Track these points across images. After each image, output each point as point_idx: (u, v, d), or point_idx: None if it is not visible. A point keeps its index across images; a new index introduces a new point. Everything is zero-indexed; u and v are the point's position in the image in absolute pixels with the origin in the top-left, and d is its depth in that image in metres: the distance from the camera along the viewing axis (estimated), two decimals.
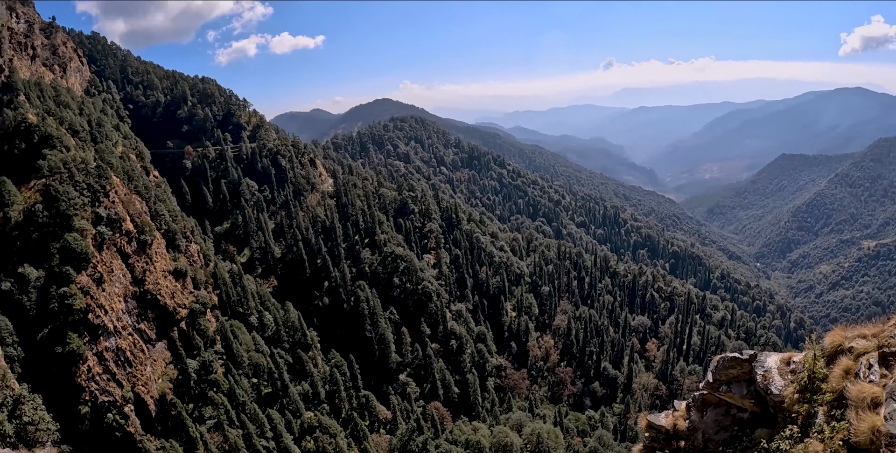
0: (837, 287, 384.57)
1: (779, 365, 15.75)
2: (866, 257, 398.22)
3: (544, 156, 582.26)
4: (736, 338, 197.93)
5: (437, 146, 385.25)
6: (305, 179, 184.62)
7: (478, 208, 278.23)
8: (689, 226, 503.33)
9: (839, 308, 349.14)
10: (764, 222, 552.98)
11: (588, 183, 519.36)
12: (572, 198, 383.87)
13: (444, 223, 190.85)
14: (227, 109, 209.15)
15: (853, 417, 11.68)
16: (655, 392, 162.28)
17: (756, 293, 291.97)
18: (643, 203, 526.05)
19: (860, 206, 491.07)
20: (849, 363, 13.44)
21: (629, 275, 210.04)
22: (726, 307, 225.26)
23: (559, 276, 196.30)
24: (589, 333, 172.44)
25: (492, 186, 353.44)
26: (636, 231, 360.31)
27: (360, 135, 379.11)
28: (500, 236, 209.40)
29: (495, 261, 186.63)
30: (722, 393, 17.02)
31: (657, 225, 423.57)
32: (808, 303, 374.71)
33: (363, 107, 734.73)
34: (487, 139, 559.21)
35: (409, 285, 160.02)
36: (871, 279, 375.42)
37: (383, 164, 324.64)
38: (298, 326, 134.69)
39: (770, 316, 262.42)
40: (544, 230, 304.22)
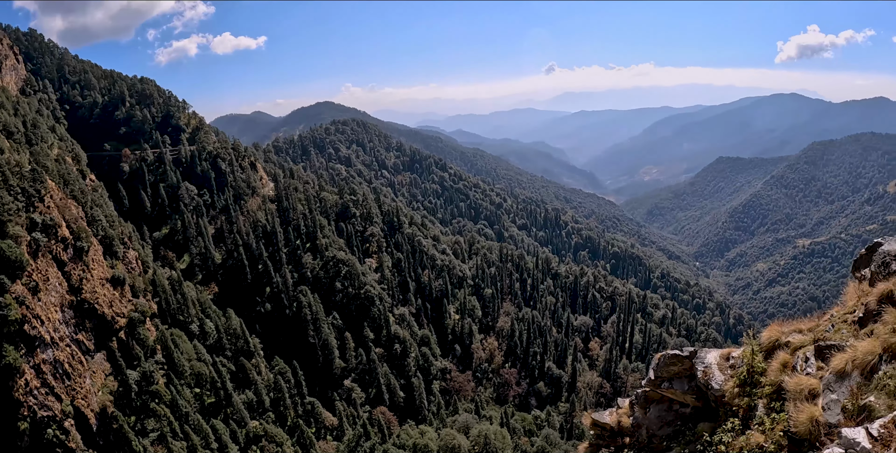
0: (774, 284, 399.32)
1: (718, 361, 16.27)
2: (801, 255, 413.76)
3: (486, 159, 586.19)
4: (677, 335, 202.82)
5: (379, 149, 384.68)
6: (246, 183, 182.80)
7: (419, 211, 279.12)
8: (630, 227, 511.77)
9: (776, 304, 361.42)
10: (702, 223, 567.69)
11: (529, 186, 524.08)
12: (514, 200, 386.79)
13: (386, 227, 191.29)
14: (166, 111, 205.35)
15: (792, 409, 12.33)
16: (600, 390, 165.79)
17: (696, 291, 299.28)
18: (584, 205, 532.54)
19: (795, 207, 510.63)
20: (786, 357, 14.12)
21: (571, 276, 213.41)
22: (667, 305, 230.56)
23: (501, 278, 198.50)
24: (532, 334, 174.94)
25: (433, 190, 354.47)
26: (577, 233, 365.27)
27: (302, 139, 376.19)
28: (442, 239, 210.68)
29: (437, 265, 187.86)
30: (664, 389, 17.49)
31: (598, 226, 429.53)
32: (747, 300, 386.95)
33: (305, 109, 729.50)
34: (429, 142, 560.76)
35: (352, 290, 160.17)
36: (806, 275, 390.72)
37: (325, 168, 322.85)
38: (241, 333, 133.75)
39: (710, 313, 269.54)
40: (486, 233, 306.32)
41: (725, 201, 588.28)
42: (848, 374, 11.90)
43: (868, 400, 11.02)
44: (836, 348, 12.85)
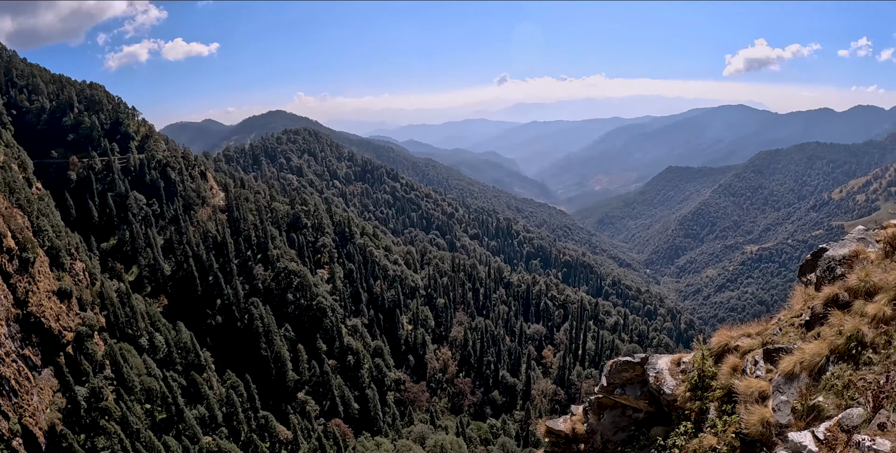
0: (724, 289, 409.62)
1: (670, 367, 16.96)
2: (750, 260, 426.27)
3: (438, 169, 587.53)
4: (629, 341, 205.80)
5: (331, 159, 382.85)
6: (196, 193, 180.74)
7: (371, 222, 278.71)
8: (581, 236, 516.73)
9: (726, 308, 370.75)
10: (652, 231, 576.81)
11: (481, 196, 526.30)
12: (465, 210, 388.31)
13: (338, 237, 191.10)
14: (115, 118, 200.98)
15: (743, 411, 12.86)
16: (554, 397, 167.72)
17: (647, 298, 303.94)
18: (535, 215, 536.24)
19: (743, 214, 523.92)
20: (736, 360, 14.82)
21: (523, 285, 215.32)
22: (619, 312, 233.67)
23: (454, 288, 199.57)
24: (486, 343, 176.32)
25: (385, 200, 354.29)
26: (529, 242, 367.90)
27: (253, 148, 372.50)
28: (394, 249, 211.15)
29: (390, 275, 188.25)
30: (617, 395, 18.02)
31: (549, 235, 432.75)
32: (697, 305, 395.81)
33: (256, 118, 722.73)
34: (381, 152, 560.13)
35: (304, 301, 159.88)
36: (754, 280, 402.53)
37: (276, 178, 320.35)
38: (191, 347, 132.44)
39: (661, 319, 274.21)
40: (438, 243, 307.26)
41: (675, 209, 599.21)
42: (796, 376, 12.51)
43: (817, 400, 11.60)
44: (784, 351, 13.44)
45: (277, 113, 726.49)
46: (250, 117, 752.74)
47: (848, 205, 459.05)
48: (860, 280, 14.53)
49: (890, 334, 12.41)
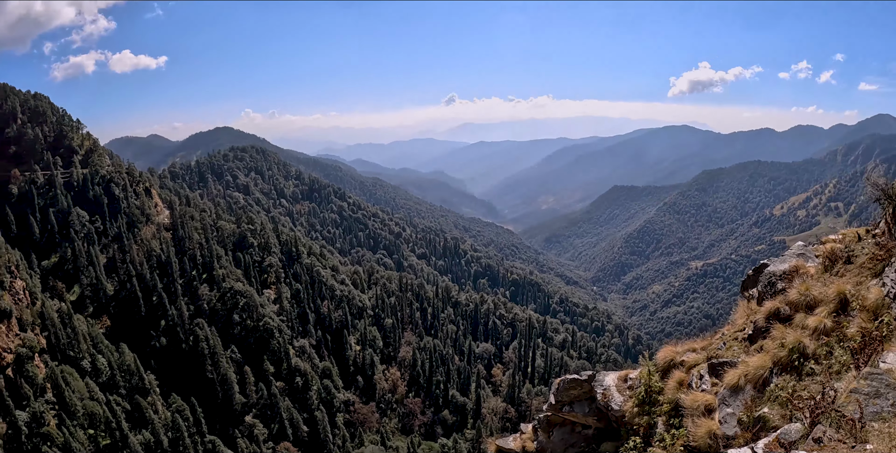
0: (670, 304, 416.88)
1: (617, 383, 17.55)
2: (695, 276, 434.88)
3: (385, 188, 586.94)
4: (578, 357, 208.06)
5: (278, 178, 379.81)
6: (140, 210, 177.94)
7: (318, 241, 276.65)
8: (528, 254, 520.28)
9: (673, 323, 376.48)
10: (598, 249, 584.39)
11: (428, 215, 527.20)
12: (413, 230, 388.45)
13: (285, 257, 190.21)
14: (59, 130, 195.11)
15: (690, 424, 13.43)
16: (505, 415, 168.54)
17: (594, 314, 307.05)
18: (483, 234, 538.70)
19: (687, 231, 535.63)
20: (682, 375, 15.56)
21: (471, 304, 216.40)
22: (567, 329, 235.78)
23: (402, 308, 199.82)
24: (435, 363, 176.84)
25: (332, 219, 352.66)
26: (476, 261, 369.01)
27: (199, 165, 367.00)
28: (342, 269, 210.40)
29: (337, 295, 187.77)
30: (565, 413, 18.53)
31: (497, 255, 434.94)
32: (644, 321, 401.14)
33: (203, 135, 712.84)
34: (329, 171, 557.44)
35: (250, 322, 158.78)
36: (700, 295, 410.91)
37: (222, 196, 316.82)
38: (135, 370, 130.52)
39: (609, 335, 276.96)
40: (385, 263, 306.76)
41: (621, 228, 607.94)
42: (741, 388, 13.24)
43: (762, 411, 12.22)
44: (728, 364, 14.23)
45: (225, 129, 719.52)
46: (197, 133, 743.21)
47: (789, 220, 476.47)
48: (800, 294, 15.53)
49: (831, 345, 13.33)
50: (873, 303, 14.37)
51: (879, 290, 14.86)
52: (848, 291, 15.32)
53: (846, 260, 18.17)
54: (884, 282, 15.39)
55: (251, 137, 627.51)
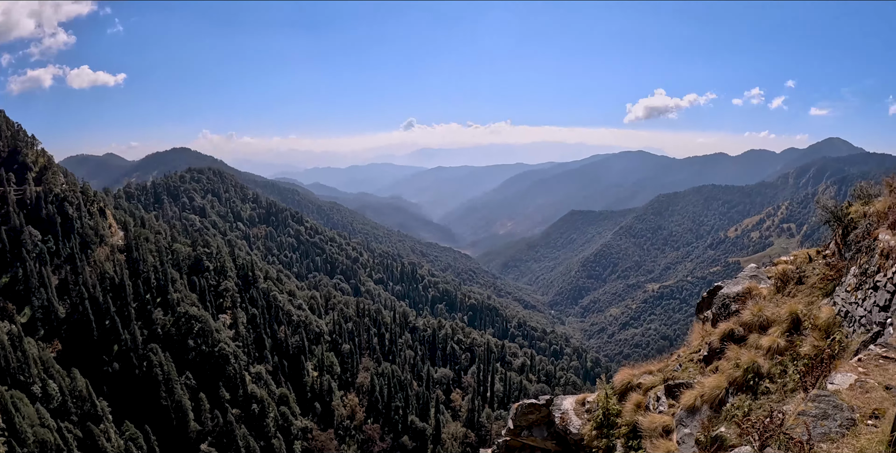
0: (627, 327, 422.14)
1: (575, 407, 17.99)
2: (651, 298, 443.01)
3: (342, 213, 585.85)
4: (537, 381, 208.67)
5: (235, 200, 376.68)
6: (94, 231, 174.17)
7: (275, 266, 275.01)
8: (486, 279, 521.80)
9: (631, 345, 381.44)
10: (556, 273, 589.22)
11: (386, 240, 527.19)
12: (370, 255, 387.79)
13: (241, 281, 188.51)
14: (13, 146, 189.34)
15: (649, 445, 13.89)
16: (465, 440, 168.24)
17: (553, 338, 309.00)
18: (440, 259, 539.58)
19: (643, 254, 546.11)
20: (639, 397, 16.11)
21: (429, 330, 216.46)
22: (525, 353, 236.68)
23: (359, 333, 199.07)
24: (393, 388, 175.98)
25: (289, 243, 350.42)
26: (434, 286, 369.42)
27: (155, 186, 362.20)
28: (298, 294, 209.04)
29: (294, 320, 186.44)
30: (524, 437, 18.93)
31: (454, 279, 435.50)
32: (602, 343, 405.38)
33: (160, 155, 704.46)
34: (286, 195, 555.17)
35: (206, 347, 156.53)
36: (657, 317, 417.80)
37: (178, 218, 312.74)
38: (87, 396, 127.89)
39: (568, 358, 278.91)
40: (342, 288, 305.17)
41: (578, 252, 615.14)
42: (698, 409, 13.70)
43: (719, 431, 12.60)
44: (685, 386, 14.72)
45: (182, 150, 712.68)
46: (154, 154, 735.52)
47: (743, 242, 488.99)
48: (754, 315, 16.27)
49: (784, 364, 13.89)
50: (825, 322, 15.14)
51: (830, 309, 15.74)
52: (800, 311, 16.10)
53: (798, 280, 19.10)
54: (834, 301, 16.24)
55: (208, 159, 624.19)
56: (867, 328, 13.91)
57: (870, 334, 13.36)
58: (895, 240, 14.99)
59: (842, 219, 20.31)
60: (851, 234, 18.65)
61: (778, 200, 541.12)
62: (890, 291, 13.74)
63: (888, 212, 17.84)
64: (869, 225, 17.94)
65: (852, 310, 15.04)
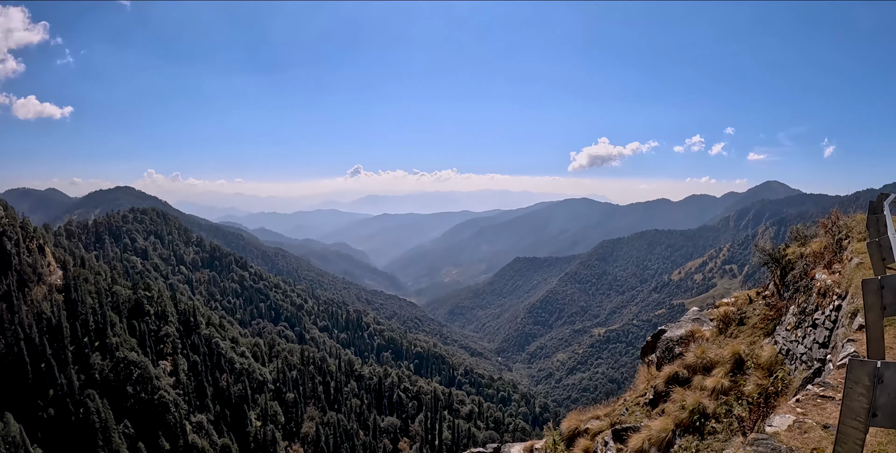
0: (575, 371, 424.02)
1: None
2: (598, 342, 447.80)
3: (288, 259, 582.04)
4: (486, 428, 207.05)
5: (178, 243, 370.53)
6: (32, 268, 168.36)
7: (218, 311, 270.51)
8: (432, 327, 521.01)
9: (579, 389, 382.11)
10: (502, 320, 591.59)
11: (331, 287, 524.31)
12: (315, 302, 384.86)
13: (182, 327, 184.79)
14: None
15: None
16: None
17: (500, 385, 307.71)
18: (386, 306, 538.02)
19: (589, 300, 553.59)
20: (587, 443, 16.40)
21: (375, 378, 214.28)
22: (473, 401, 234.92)
23: (304, 382, 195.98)
24: (339, 438, 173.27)
25: (233, 289, 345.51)
26: (380, 334, 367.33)
27: (97, 224, 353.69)
28: (242, 341, 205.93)
29: (237, 368, 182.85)
30: None
31: (400, 327, 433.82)
32: (550, 389, 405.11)
33: (103, 193, 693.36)
34: (231, 239, 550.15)
35: (145, 395, 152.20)
36: (604, 360, 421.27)
37: (119, 259, 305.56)
38: (20, 442, 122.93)
39: (516, 404, 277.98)
40: (287, 335, 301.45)
41: (523, 298, 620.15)
42: (646, 452, 13.89)
43: None
44: (632, 429, 14.93)
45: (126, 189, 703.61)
46: (97, 191, 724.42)
47: (687, 284, 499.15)
48: (697, 357, 16.83)
49: (730, 403, 14.10)
50: (767, 361, 15.64)
51: (772, 348, 16.31)
52: (742, 351, 16.53)
53: (739, 321, 20.11)
54: (776, 340, 16.91)
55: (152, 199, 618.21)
56: (808, 365, 14.34)
57: (811, 371, 13.72)
58: (831, 279, 15.73)
59: (779, 261, 21.62)
60: (789, 275, 19.77)
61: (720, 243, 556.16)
62: (828, 328, 14.24)
63: (824, 252, 19.24)
64: (806, 265, 19.03)
65: (793, 347, 15.57)
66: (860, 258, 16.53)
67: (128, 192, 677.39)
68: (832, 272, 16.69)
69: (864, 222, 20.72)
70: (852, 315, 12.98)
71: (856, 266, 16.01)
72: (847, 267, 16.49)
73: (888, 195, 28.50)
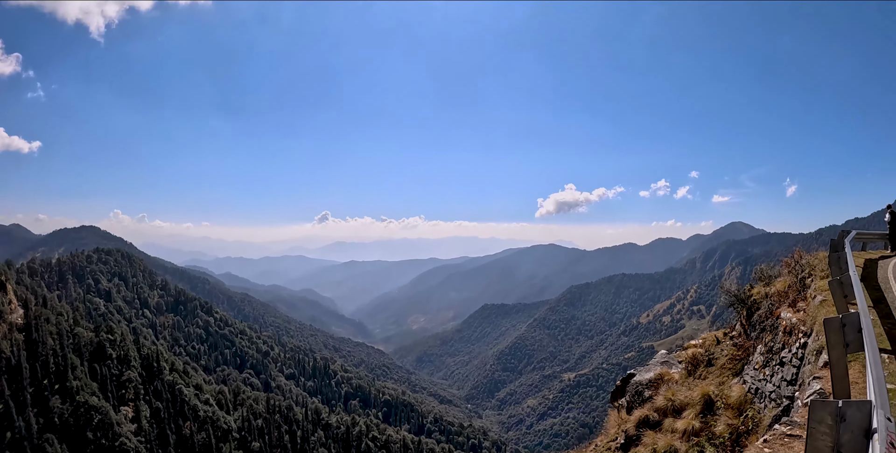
0: (546, 417, 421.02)
1: None
2: (568, 387, 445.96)
3: (254, 305, 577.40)
4: None
5: (143, 286, 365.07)
6: None
7: (182, 357, 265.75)
8: (400, 374, 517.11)
9: (550, 435, 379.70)
10: (471, 367, 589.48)
11: (298, 334, 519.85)
12: (281, 349, 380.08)
13: (145, 372, 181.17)
14: None
15: None
16: None
17: (470, 432, 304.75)
18: (353, 354, 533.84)
19: (558, 345, 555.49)
20: None
21: (343, 427, 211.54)
22: (443, 449, 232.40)
23: (270, 431, 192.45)
24: None
25: (198, 334, 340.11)
26: (347, 382, 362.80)
27: (61, 264, 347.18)
28: (206, 388, 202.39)
29: (200, 416, 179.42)
30: None
31: (368, 375, 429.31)
32: (521, 435, 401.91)
33: (68, 231, 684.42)
34: (196, 283, 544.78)
35: (105, 441, 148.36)
36: (575, 405, 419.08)
37: (82, 300, 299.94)
38: None
39: (487, 451, 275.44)
40: (252, 382, 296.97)
41: (492, 345, 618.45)
42: None
43: None
44: None
45: (91, 229, 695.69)
46: (62, 229, 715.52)
47: (656, 326, 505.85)
48: (667, 399, 17.25)
49: (702, 445, 14.31)
50: (737, 400, 16.04)
51: (741, 388, 16.73)
52: (712, 392, 17.02)
53: (707, 362, 20.59)
54: (744, 379, 17.30)
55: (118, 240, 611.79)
56: (778, 402, 14.67)
57: (780, 408, 14.06)
58: (797, 317, 16.25)
59: (745, 301, 22.34)
60: (755, 314, 20.32)
61: (687, 284, 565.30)
62: (795, 366, 14.69)
63: (788, 291, 19.85)
64: (771, 304, 19.61)
65: (762, 386, 15.98)
66: (823, 295, 17.21)
67: (93, 232, 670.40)
68: (797, 310, 17.25)
69: (826, 260, 21.49)
70: (818, 352, 13.44)
71: (819, 303, 16.65)
72: (811, 304, 17.14)
73: (848, 232, 29.58)
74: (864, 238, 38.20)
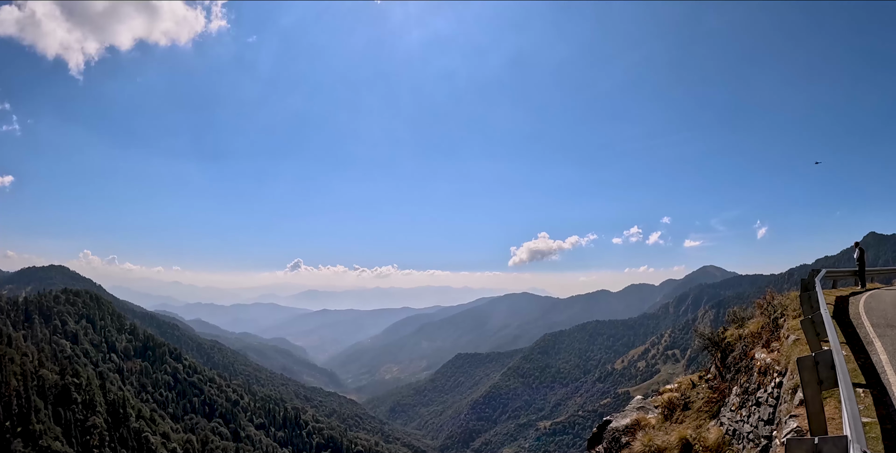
0: None
1: None
2: (544, 435, 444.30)
3: (224, 352, 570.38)
4: None
5: (111, 329, 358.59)
6: None
7: (149, 404, 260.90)
8: (373, 424, 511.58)
9: None
10: (445, 416, 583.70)
11: (268, 383, 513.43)
12: (252, 398, 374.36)
13: (111, 418, 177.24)
14: None
15: None
16: None
17: None
18: (325, 404, 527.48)
19: (533, 393, 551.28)
20: None
21: None
22: None
23: None
24: None
25: (166, 381, 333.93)
26: (319, 432, 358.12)
27: (28, 303, 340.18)
28: (173, 437, 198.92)
29: None
30: None
31: (340, 425, 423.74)
32: None
33: (36, 270, 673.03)
34: (165, 329, 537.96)
35: None
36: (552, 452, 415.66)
37: (48, 341, 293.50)
38: None
39: None
40: (221, 432, 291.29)
41: (466, 394, 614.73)
42: None
43: None
44: None
45: (59, 268, 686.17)
46: (30, 267, 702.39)
47: (631, 372, 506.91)
48: (644, 445, 17.91)
49: None
50: (714, 442, 16.51)
51: (719, 430, 17.15)
52: (689, 435, 17.41)
53: (684, 406, 20.95)
54: (721, 421, 17.73)
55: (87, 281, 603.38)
56: (756, 443, 15.10)
57: (759, 448, 14.49)
58: (771, 358, 16.90)
59: (719, 344, 23.05)
60: (730, 357, 20.98)
61: (661, 329, 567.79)
62: (771, 405, 15.13)
63: (761, 331, 20.41)
64: (745, 346, 20.25)
65: (739, 427, 16.50)
66: (796, 334, 17.67)
67: (62, 272, 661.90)
68: (771, 350, 17.86)
69: (797, 299, 21.83)
70: (793, 390, 13.71)
71: (793, 342, 17.15)
72: (785, 344, 17.70)
73: (819, 271, 29.97)
74: (834, 275, 39.18)
